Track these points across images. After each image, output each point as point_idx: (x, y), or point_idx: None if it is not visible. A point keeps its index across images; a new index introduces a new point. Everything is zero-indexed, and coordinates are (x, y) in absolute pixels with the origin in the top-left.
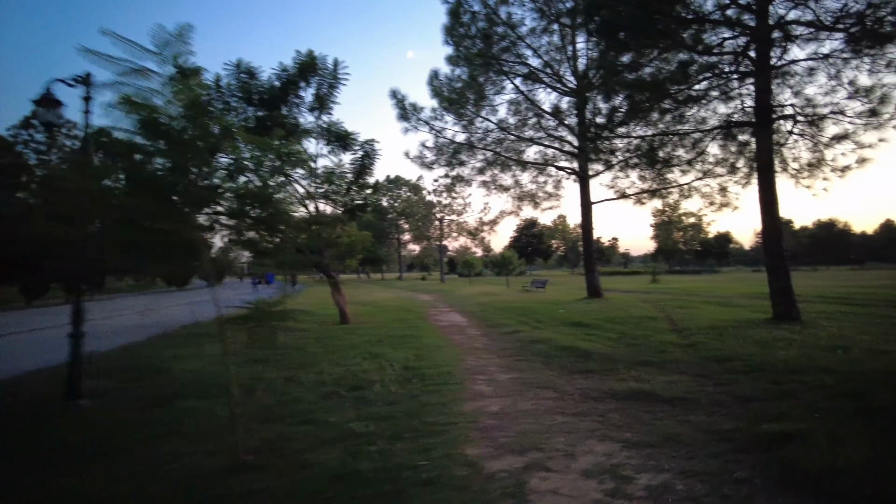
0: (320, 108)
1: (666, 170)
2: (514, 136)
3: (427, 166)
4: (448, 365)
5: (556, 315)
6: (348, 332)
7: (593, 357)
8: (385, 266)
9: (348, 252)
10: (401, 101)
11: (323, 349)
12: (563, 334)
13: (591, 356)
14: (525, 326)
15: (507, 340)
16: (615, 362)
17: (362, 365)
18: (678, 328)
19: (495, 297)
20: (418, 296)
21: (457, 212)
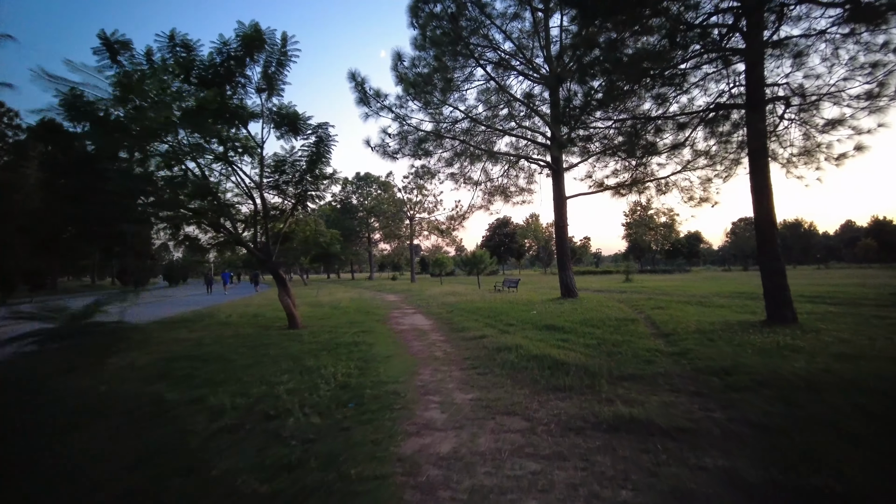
0: (269, 89)
1: (647, 158)
2: (484, 126)
3: (390, 156)
4: (397, 381)
5: (527, 317)
6: (291, 339)
7: (570, 369)
8: (357, 266)
9: (303, 249)
10: (360, 84)
11: (252, 360)
12: (535, 340)
13: (568, 368)
14: (492, 330)
15: (471, 348)
16: (596, 376)
17: (291, 382)
18: (662, 333)
19: (464, 298)
20: (384, 296)
21: (427, 210)
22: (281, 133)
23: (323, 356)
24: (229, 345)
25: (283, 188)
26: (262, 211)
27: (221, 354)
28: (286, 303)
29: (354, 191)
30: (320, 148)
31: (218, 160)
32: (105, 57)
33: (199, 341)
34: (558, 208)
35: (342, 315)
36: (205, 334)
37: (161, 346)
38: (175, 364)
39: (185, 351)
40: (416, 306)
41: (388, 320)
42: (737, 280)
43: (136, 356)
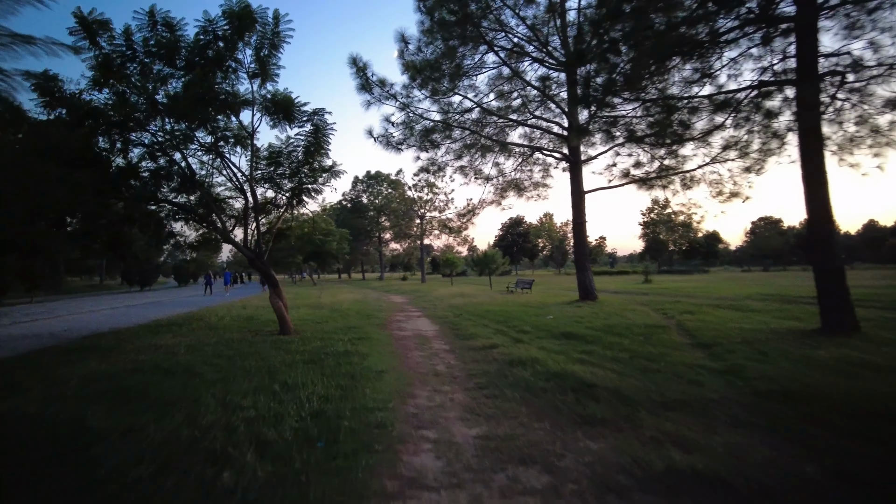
0: (262, 74)
1: (677, 146)
2: (496, 116)
3: (394, 147)
4: (384, 406)
5: (543, 323)
6: (277, 347)
7: (599, 393)
8: (368, 266)
9: (298, 248)
10: (362, 70)
11: (222, 374)
12: (553, 352)
13: (596, 391)
14: (504, 339)
15: (478, 360)
16: (633, 403)
17: (257, 405)
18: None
19: (474, 300)
20: (390, 297)
21: (438, 208)
22: (274, 121)
23: (305, 370)
24: (206, 353)
25: (278, 181)
26: (253, 206)
27: (191, 366)
28: (277, 306)
29: (364, 189)
30: (318, 137)
31: (208, 151)
32: (82, 38)
33: (174, 349)
34: (576, 204)
35: (341, 318)
36: (186, 340)
37: (129, 355)
38: (132, 378)
39: (154, 360)
40: (421, 309)
41: (389, 325)
42: (759, 281)
43: (96, 366)
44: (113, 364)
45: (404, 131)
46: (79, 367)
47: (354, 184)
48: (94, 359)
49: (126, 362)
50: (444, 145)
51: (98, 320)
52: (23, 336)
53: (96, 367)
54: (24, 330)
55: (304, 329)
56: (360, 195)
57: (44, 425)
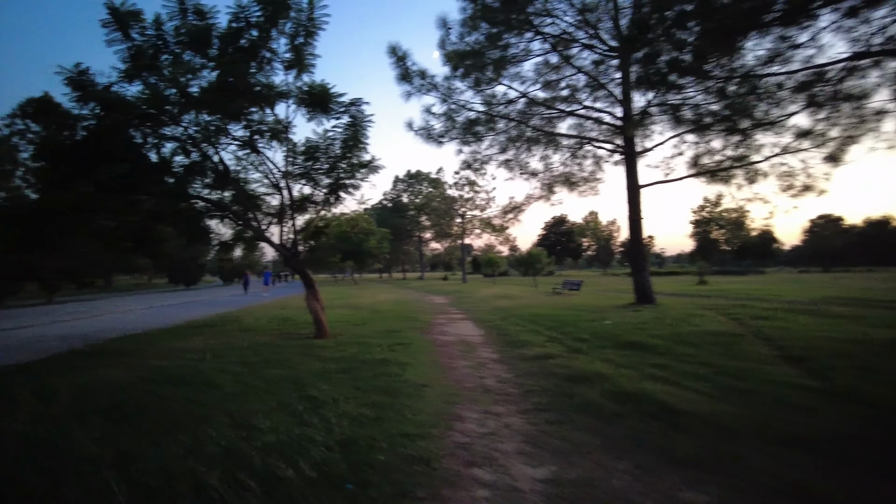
0: (298, 64)
1: (752, 131)
2: (543, 106)
3: (435, 140)
4: (427, 433)
5: (601, 329)
6: (309, 353)
7: (687, 421)
8: (409, 266)
9: (335, 246)
10: (401, 59)
11: (242, 387)
12: (621, 366)
13: (683, 419)
14: (559, 347)
15: (533, 374)
16: (733, 436)
17: (276, 429)
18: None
19: (519, 302)
20: (431, 298)
21: (479, 207)
22: (310, 114)
23: (337, 382)
24: (231, 360)
25: (315, 177)
26: (289, 203)
27: (211, 375)
28: (313, 308)
29: (405, 189)
30: (355, 130)
31: (242, 146)
32: (114, 30)
33: (199, 354)
34: (632, 199)
35: (380, 321)
36: (215, 343)
37: (148, 361)
38: (141, 390)
39: (172, 368)
40: (464, 311)
41: (430, 329)
42: (825, 284)
43: (107, 375)
44: (126, 372)
45: (446, 123)
46: (87, 375)
47: (395, 183)
48: (110, 365)
49: (141, 370)
50: (488, 138)
51: (135, 320)
52: (53, 337)
53: (106, 376)
54: (59, 330)
55: (340, 332)
56: (401, 194)
57: (20, 451)
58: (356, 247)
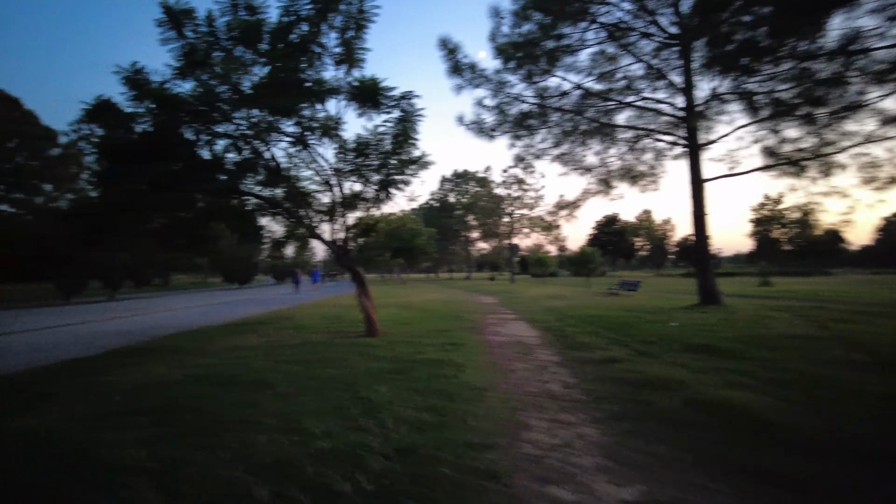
0: (349, 59)
1: (836, 117)
2: (598, 97)
3: (486, 134)
4: (492, 443)
5: (668, 331)
6: (361, 352)
7: (784, 435)
8: (455, 266)
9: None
10: (452, 52)
11: (295, 387)
12: (697, 371)
13: (779, 433)
14: (625, 350)
15: (601, 380)
16: (842, 456)
17: (331, 433)
18: None
19: (573, 302)
20: (480, 298)
21: (528, 205)
22: (360, 109)
23: (391, 383)
24: (283, 358)
25: (365, 174)
26: (340, 200)
27: (263, 374)
28: (364, 306)
29: (452, 188)
30: (406, 125)
31: (295, 143)
32: (168, 28)
33: (251, 351)
34: (695, 194)
35: (430, 320)
36: (267, 341)
37: (201, 359)
38: (192, 389)
39: (224, 366)
40: (516, 311)
41: (483, 329)
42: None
43: (159, 372)
44: (178, 369)
45: (497, 116)
46: (139, 372)
47: (441, 183)
48: (162, 362)
49: (196, 367)
50: (541, 131)
51: (190, 317)
52: (110, 333)
53: (158, 374)
54: (117, 326)
55: (391, 331)
56: (447, 194)
57: (55, 456)
58: (407, 244)
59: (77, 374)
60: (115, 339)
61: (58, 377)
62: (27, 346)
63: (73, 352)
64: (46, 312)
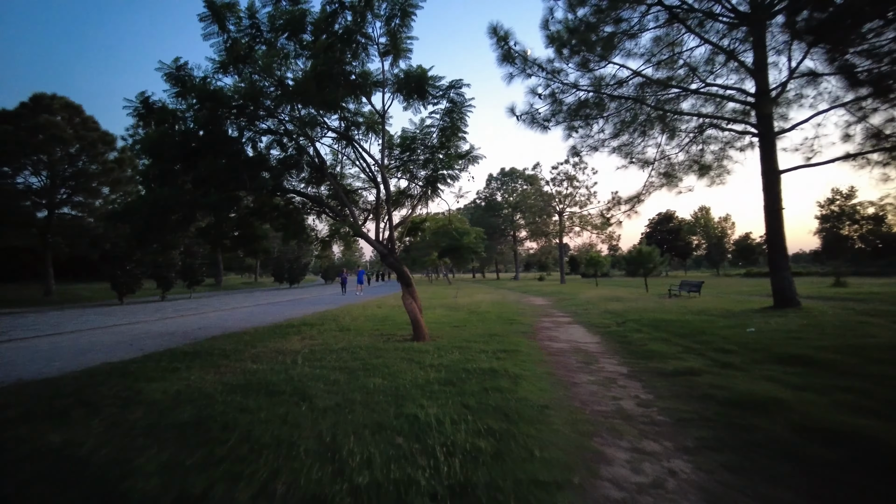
0: (395, 50)
1: None
2: (659, 86)
3: (540, 125)
4: (565, 482)
5: (745, 338)
6: (408, 358)
7: None
8: (502, 266)
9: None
10: (503, 39)
11: (337, 399)
12: (796, 388)
13: None
14: (702, 360)
15: (681, 396)
16: None
17: (372, 462)
18: None
19: (633, 305)
20: (531, 299)
21: (579, 203)
22: (407, 101)
23: (441, 397)
24: (326, 364)
25: (412, 170)
26: (386, 197)
27: (304, 383)
28: (411, 308)
29: (499, 187)
30: (453, 117)
31: (340, 139)
32: (211, 23)
33: (294, 356)
34: (769, 186)
35: (480, 323)
36: (312, 344)
37: (242, 364)
38: (227, 401)
39: (265, 373)
40: (571, 314)
41: (536, 333)
42: None
43: (196, 379)
44: (216, 376)
45: (552, 106)
46: (175, 378)
47: (488, 182)
48: (201, 367)
49: (234, 374)
50: (598, 122)
51: (237, 317)
52: (157, 334)
53: (195, 381)
54: (165, 327)
55: (439, 334)
56: (495, 193)
57: (60, 484)
58: (456, 242)
59: (112, 379)
60: (160, 340)
61: (92, 383)
62: (73, 347)
63: (117, 354)
64: (99, 312)
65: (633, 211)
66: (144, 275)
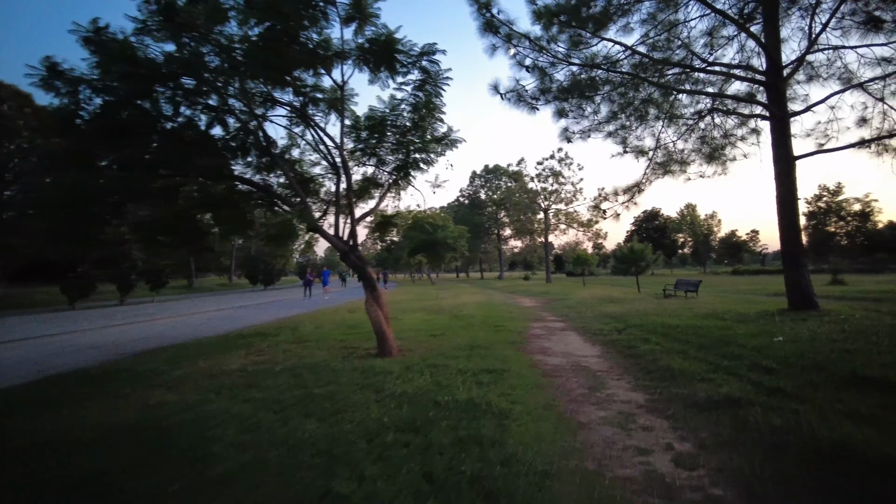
0: (359, 13)
1: None
2: (658, 63)
3: (527, 104)
4: None
5: (778, 349)
6: (364, 384)
7: None
8: (487, 265)
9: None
10: (484, 6)
11: (244, 458)
12: (881, 426)
13: None
14: (741, 384)
15: (733, 446)
16: None
17: None
18: None
19: (630, 307)
20: (518, 300)
21: (565, 200)
22: (373, 73)
23: (394, 459)
24: (254, 397)
25: (380, 155)
26: (347, 185)
27: (208, 432)
28: (374, 317)
29: (483, 184)
30: (427, 91)
31: (296, 118)
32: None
33: (225, 380)
34: (782, 174)
35: (463, 330)
36: (254, 362)
37: (152, 393)
38: (95, 456)
39: (171, 407)
40: (563, 318)
41: (527, 343)
42: None
43: (85, 417)
44: (104, 415)
45: (540, 82)
46: (56, 418)
47: (472, 179)
48: (103, 398)
49: (129, 411)
50: (593, 102)
51: (190, 326)
52: (83, 347)
53: (76, 422)
54: (99, 337)
55: (414, 346)
56: (478, 190)
57: None
58: (430, 237)
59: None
60: (78, 357)
61: None
62: None
63: (7, 378)
64: (42, 319)
65: (633, 202)
66: (103, 277)
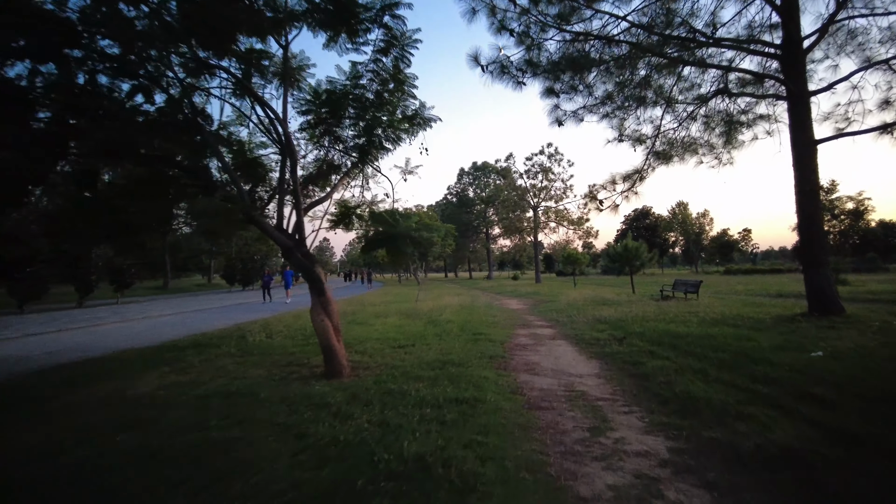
0: None
1: None
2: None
3: (512, 77)
4: None
5: (822, 367)
6: (287, 427)
7: None
8: (475, 264)
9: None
10: None
11: None
12: None
13: None
14: (794, 425)
15: None
16: None
17: None
18: None
19: (627, 310)
20: (504, 302)
21: (555, 197)
22: (330, 37)
23: None
24: (128, 447)
25: (337, 133)
26: (292, 167)
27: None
28: (322, 329)
29: (471, 182)
30: (395, 59)
31: (239, 90)
32: None
33: (124, 410)
34: (801, 159)
35: (437, 339)
36: (173, 383)
37: (24, 436)
38: None
39: (19, 464)
40: (553, 322)
41: (510, 358)
42: None
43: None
44: None
45: (526, 52)
46: None
47: (460, 176)
48: None
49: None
50: (587, 79)
51: (133, 331)
52: None
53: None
54: (7, 349)
55: (373, 361)
56: (466, 188)
57: None
58: (390, 229)
59: None
60: None
61: None
62: None
63: None
64: None
65: (633, 191)
66: (58, 277)
